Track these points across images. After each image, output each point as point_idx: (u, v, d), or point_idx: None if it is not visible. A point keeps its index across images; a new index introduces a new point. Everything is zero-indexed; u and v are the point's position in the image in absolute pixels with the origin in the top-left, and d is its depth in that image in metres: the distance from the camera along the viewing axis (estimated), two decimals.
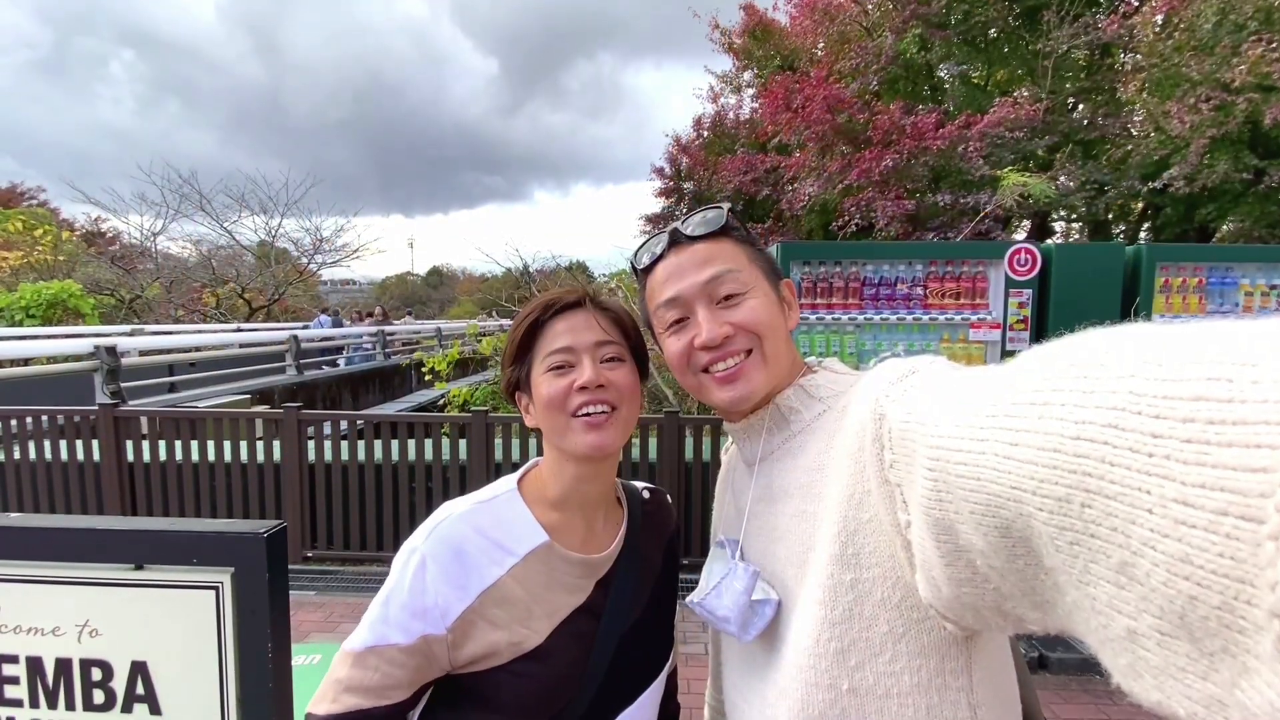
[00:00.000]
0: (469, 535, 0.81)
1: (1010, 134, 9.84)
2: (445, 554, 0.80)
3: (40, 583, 0.69)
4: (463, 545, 0.81)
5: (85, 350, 6.98)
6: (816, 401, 0.77)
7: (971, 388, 0.47)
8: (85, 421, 4.37)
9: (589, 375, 0.80)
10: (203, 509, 4.31)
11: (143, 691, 0.69)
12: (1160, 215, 11.83)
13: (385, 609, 0.78)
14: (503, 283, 15.41)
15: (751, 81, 15.03)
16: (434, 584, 0.78)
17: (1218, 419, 0.27)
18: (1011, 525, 0.40)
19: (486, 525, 0.83)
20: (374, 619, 0.78)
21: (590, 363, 0.81)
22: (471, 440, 4.09)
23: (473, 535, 0.82)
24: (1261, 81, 7.81)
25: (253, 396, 8.72)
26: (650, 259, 0.83)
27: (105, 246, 19.12)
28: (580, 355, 0.82)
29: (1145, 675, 0.32)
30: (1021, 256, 3.49)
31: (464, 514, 0.83)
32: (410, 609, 0.77)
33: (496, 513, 0.85)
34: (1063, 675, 3.03)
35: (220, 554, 0.67)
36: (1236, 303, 3.47)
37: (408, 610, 0.77)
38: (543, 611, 0.82)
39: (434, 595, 0.78)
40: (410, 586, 0.78)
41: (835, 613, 0.64)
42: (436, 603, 0.77)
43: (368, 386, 12.40)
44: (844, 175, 10.33)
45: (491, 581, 0.80)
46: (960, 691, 0.62)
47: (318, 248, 21.20)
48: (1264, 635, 0.25)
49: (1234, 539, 0.26)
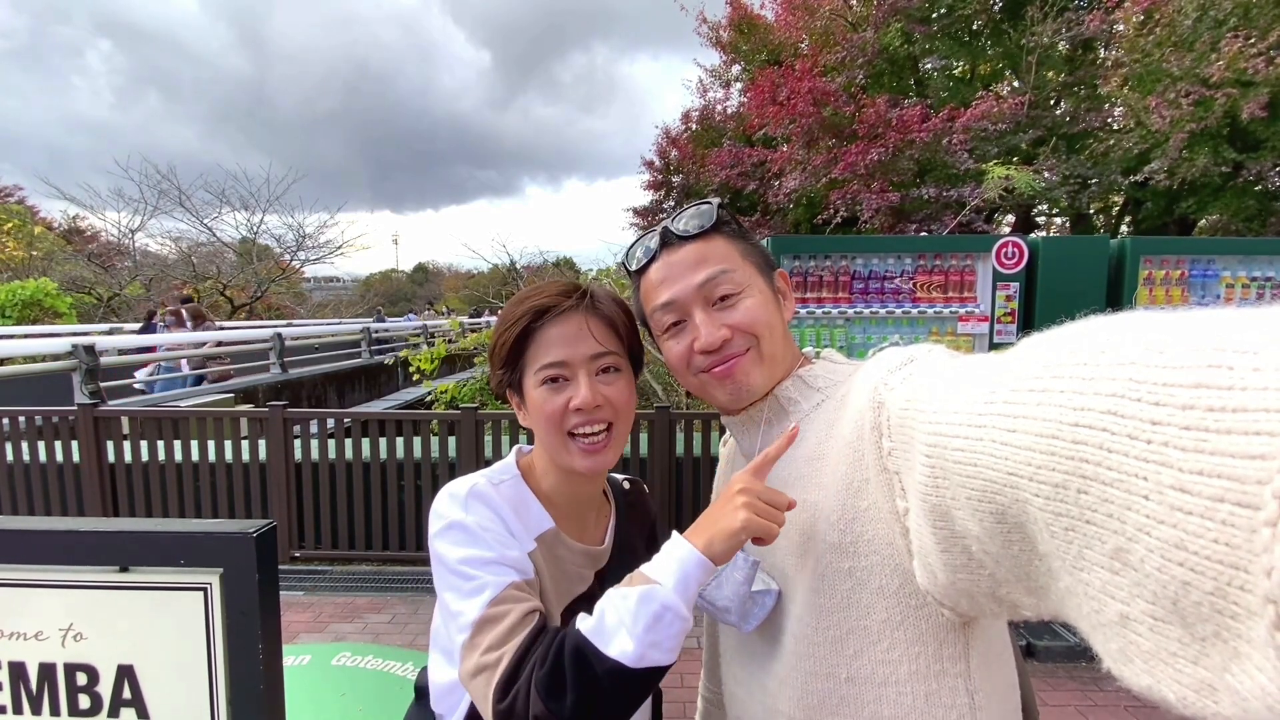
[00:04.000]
0: (500, 504, 0.80)
1: (994, 127, 9.92)
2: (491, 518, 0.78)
3: (22, 586, 0.67)
4: (501, 513, 0.79)
5: (63, 349, 6.85)
6: (815, 392, 0.78)
7: (970, 375, 0.48)
8: (64, 422, 4.29)
9: (585, 397, 0.78)
10: (187, 510, 4.25)
11: (130, 696, 0.68)
12: (1141, 209, 11.99)
13: (479, 570, 0.72)
14: (489, 279, 15.33)
15: (739, 76, 15.02)
16: (505, 540, 0.76)
17: (1217, 406, 0.27)
18: (1007, 511, 0.40)
19: (509, 498, 0.83)
20: (472, 587, 0.71)
21: (586, 379, 0.79)
22: (461, 437, 4.07)
23: (503, 505, 0.81)
24: (1239, 77, 7.92)
25: (236, 395, 8.61)
26: (642, 260, 0.82)
27: (84, 245, 18.76)
28: (576, 370, 0.80)
29: (1136, 660, 0.33)
30: (1009, 250, 3.52)
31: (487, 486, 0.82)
32: (503, 561, 0.74)
33: (509, 494, 0.84)
34: (1050, 663, 3.08)
35: (208, 555, 0.66)
36: (1218, 295, 3.53)
37: (499, 563, 0.73)
38: (554, 593, 0.82)
39: (512, 548, 0.76)
40: (489, 545, 0.74)
41: (833, 601, 0.65)
42: (520, 553, 0.76)
43: (354, 384, 12.30)
44: (829, 169, 10.37)
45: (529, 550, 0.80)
46: (958, 677, 0.62)
47: (300, 244, 20.96)
48: (1257, 620, 0.26)
49: (1229, 525, 0.26)
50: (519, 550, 0.76)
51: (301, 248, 21.11)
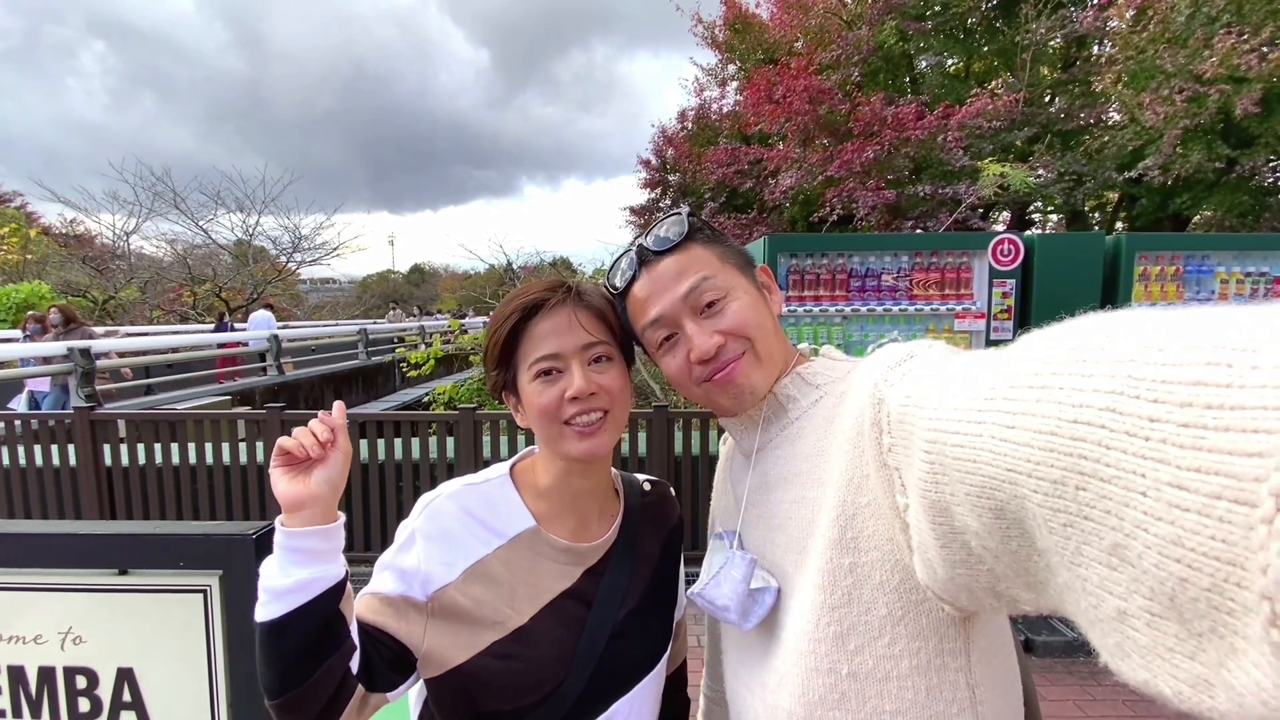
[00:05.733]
0: (456, 513, 0.85)
1: (989, 125, 9.94)
2: (435, 530, 0.83)
3: (21, 590, 0.67)
4: (451, 523, 0.84)
5: (59, 353, 6.82)
6: (814, 389, 0.78)
7: (969, 371, 0.48)
8: (60, 425, 4.28)
9: (579, 385, 0.79)
10: (185, 513, 4.24)
11: (130, 699, 0.68)
12: (1136, 205, 12.03)
13: (377, 571, 0.84)
14: (486, 279, 15.31)
15: (735, 75, 15.02)
16: (421, 555, 0.82)
17: (1216, 403, 0.27)
18: (1006, 507, 0.41)
19: (474, 505, 0.86)
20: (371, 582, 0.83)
21: (579, 369, 0.80)
22: (460, 438, 4.07)
23: (460, 514, 0.85)
24: (1232, 73, 7.95)
25: (233, 398, 8.59)
26: (624, 281, 0.82)
27: (79, 248, 18.65)
28: (568, 361, 0.81)
29: (1133, 655, 0.33)
30: (1005, 247, 3.53)
31: (454, 493, 0.87)
32: (396, 571, 0.82)
33: (486, 495, 0.88)
34: (1048, 658, 3.09)
35: (208, 557, 0.66)
36: (1213, 290, 3.54)
37: (392, 571, 0.82)
38: (525, 593, 0.84)
39: (418, 564, 0.82)
40: (398, 553, 0.83)
41: (834, 597, 0.65)
42: (419, 569, 0.81)
43: (351, 385, 12.27)
44: (825, 166, 10.38)
45: (477, 559, 0.83)
46: (959, 672, 0.63)
47: (296, 246, 20.88)
48: (1253, 617, 0.26)
49: (1226, 522, 0.26)
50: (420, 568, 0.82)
51: (297, 249, 21.06)
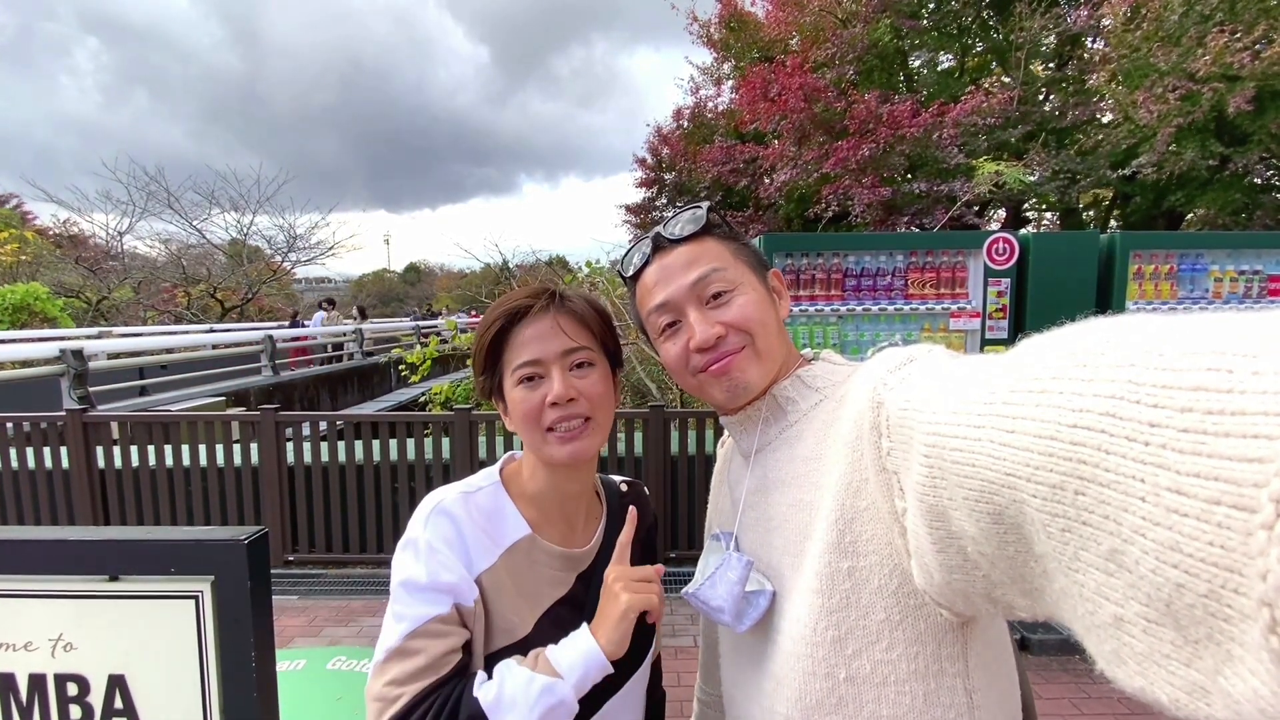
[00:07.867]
0: (464, 519, 0.83)
1: (984, 122, 9.96)
2: (450, 534, 0.80)
3: (11, 597, 0.67)
4: (461, 529, 0.82)
5: (51, 354, 6.78)
6: (813, 391, 0.78)
7: (969, 376, 0.47)
8: (52, 427, 4.24)
9: (559, 390, 0.80)
10: (179, 516, 4.22)
11: (121, 706, 0.68)
12: (1130, 202, 12.07)
13: (408, 598, 0.76)
14: (481, 278, 15.28)
15: (730, 73, 15.02)
16: (448, 563, 0.78)
17: (1216, 409, 0.27)
18: (1004, 512, 0.40)
19: (476, 514, 0.85)
20: (397, 613, 0.76)
21: (560, 374, 0.81)
22: (455, 439, 4.06)
23: (467, 520, 0.83)
24: (1226, 71, 7.98)
25: (227, 399, 8.55)
26: (637, 265, 0.84)
27: (73, 249, 18.53)
28: (549, 366, 0.82)
29: (1129, 661, 0.33)
30: (1000, 246, 3.54)
31: (455, 500, 0.84)
32: (435, 588, 0.76)
33: (483, 503, 0.87)
34: (1044, 656, 3.11)
35: (199, 562, 0.66)
36: (1207, 289, 3.55)
37: (431, 589, 0.76)
38: (527, 603, 0.84)
39: (452, 573, 0.78)
40: (428, 570, 0.77)
41: (832, 601, 0.64)
42: (461, 577, 0.78)
43: (346, 386, 12.23)
44: (820, 164, 10.39)
45: (488, 566, 0.82)
46: (956, 677, 0.63)
47: (291, 245, 20.79)
48: (1251, 624, 0.26)
49: (1225, 528, 0.26)
50: (461, 576, 0.78)
51: (293, 249, 20.96)
